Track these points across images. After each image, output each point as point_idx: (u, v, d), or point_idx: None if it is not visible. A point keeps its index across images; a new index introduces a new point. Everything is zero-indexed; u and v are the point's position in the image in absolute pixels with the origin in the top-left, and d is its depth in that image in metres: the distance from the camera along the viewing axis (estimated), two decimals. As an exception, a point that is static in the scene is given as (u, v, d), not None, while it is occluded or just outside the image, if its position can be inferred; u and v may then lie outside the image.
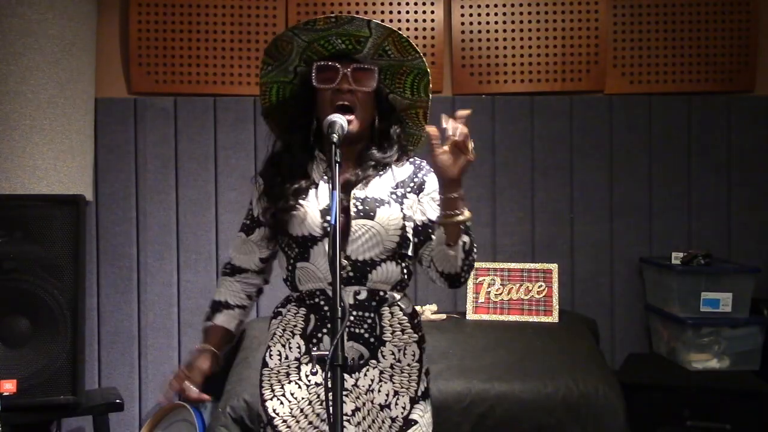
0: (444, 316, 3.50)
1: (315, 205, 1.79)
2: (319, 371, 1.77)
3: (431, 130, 1.64)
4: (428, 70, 1.87)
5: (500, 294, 3.51)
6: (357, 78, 1.79)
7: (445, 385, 2.75)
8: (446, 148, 1.62)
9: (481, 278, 3.54)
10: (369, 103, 1.83)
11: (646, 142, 3.69)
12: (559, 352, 3.09)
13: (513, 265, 3.56)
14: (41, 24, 3.08)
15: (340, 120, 1.71)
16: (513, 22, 3.68)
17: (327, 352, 1.45)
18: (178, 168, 3.61)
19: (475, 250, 1.78)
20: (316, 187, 1.81)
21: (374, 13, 3.65)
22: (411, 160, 1.92)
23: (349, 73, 1.79)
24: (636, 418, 2.99)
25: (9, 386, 2.74)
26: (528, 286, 3.51)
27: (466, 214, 1.69)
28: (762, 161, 3.68)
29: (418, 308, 3.51)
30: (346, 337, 1.74)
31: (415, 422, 1.79)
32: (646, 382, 3.23)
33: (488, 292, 3.52)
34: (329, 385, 1.46)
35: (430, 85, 1.89)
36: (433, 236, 1.81)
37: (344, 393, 1.69)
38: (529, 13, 3.67)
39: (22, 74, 3.05)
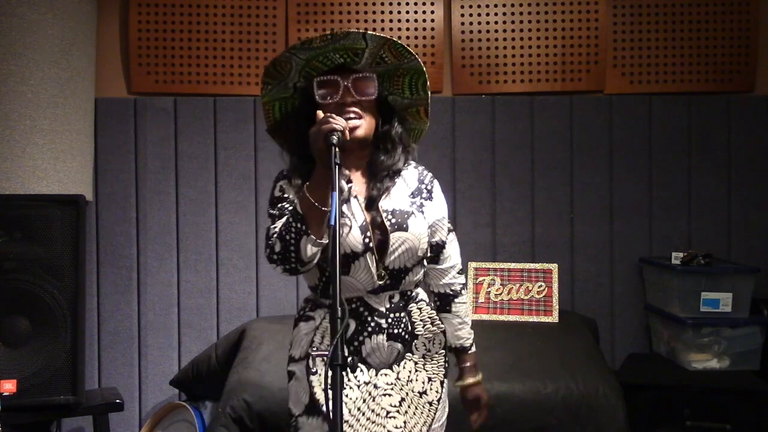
0: (444, 316, 3.49)
1: (353, 222, 1.83)
2: (365, 370, 1.86)
3: None
4: (424, 69, 1.90)
5: (500, 294, 3.51)
6: (358, 88, 1.84)
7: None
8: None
9: (481, 278, 3.54)
10: (372, 109, 1.88)
11: (646, 142, 3.69)
12: (559, 352, 3.09)
13: (513, 265, 3.56)
14: (41, 24, 3.08)
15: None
16: (513, 22, 3.68)
17: (326, 352, 1.48)
18: (178, 168, 3.61)
19: (468, 309, 2.14)
20: (348, 203, 1.86)
21: (374, 13, 3.65)
22: (413, 165, 2.00)
23: (350, 85, 1.83)
24: (636, 418, 2.99)
25: (9, 386, 2.74)
26: (528, 286, 3.51)
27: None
28: (762, 161, 3.68)
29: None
30: (384, 338, 1.87)
31: (442, 399, 1.98)
32: (646, 382, 3.23)
33: (488, 292, 3.52)
34: (329, 385, 1.48)
35: (428, 83, 1.92)
36: (439, 261, 2.02)
37: (390, 387, 1.86)
38: (529, 13, 3.68)
39: (22, 74, 3.05)
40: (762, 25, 3.70)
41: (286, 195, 1.89)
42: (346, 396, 1.84)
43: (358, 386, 1.86)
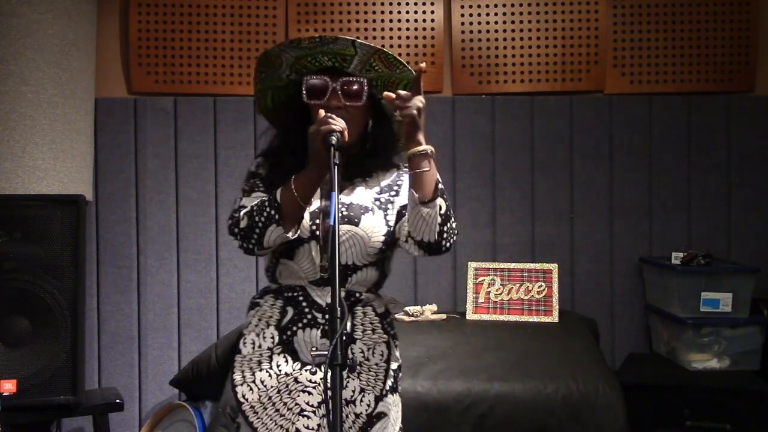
0: (444, 316, 3.50)
1: (306, 209, 1.79)
2: (290, 361, 1.81)
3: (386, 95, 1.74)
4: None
5: (500, 294, 3.51)
6: (347, 92, 1.80)
7: (445, 385, 2.75)
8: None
9: (481, 278, 3.54)
10: (361, 114, 1.84)
11: (646, 142, 3.69)
12: (559, 352, 3.08)
13: (513, 265, 3.56)
14: (41, 24, 3.08)
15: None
16: (513, 22, 3.68)
17: (326, 353, 1.47)
18: (178, 168, 3.61)
19: (452, 218, 1.79)
20: None
21: (374, 13, 3.65)
22: (395, 169, 1.95)
23: (338, 88, 1.80)
24: (636, 418, 2.98)
25: (9, 386, 2.74)
26: (528, 286, 3.51)
27: (433, 169, 1.73)
28: (762, 161, 3.68)
29: (417, 308, 3.53)
30: (318, 334, 1.80)
31: (385, 415, 1.84)
32: (646, 382, 3.23)
33: (488, 292, 3.52)
34: (329, 385, 1.47)
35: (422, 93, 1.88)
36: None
37: (312, 386, 1.78)
38: (529, 13, 3.68)
39: (22, 74, 3.05)
40: (762, 25, 3.70)
41: (260, 171, 1.88)
42: (261, 382, 1.82)
43: (278, 375, 1.81)
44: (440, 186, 1.75)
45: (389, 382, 1.87)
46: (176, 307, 3.60)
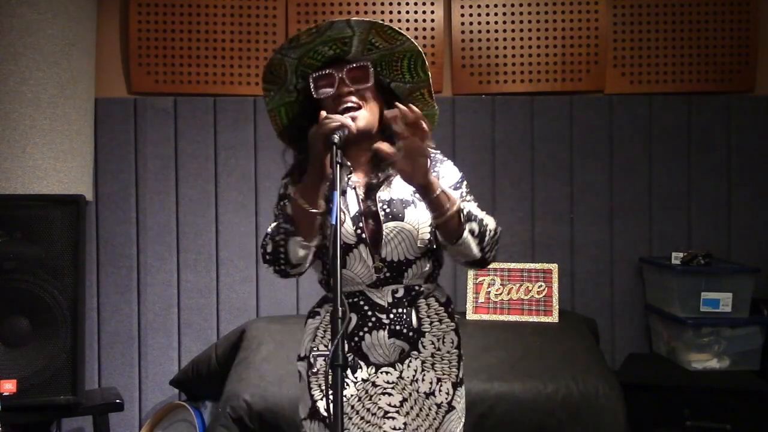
0: (444, 316, 3.49)
1: (346, 213, 1.80)
2: (364, 367, 1.81)
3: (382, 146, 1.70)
4: (420, 49, 1.87)
5: (500, 294, 3.51)
6: (353, 78, 1.82)
7: (445, 385, 2.74)
8: (401, 150, 1.67)
9: (481, 278, 3.54)
10: (373, 99, 1.85)
11: (646, 142, 3.69)
12: (559, 352, 3.09)
13: (513, 265, 3.56)
14: (41, 24, 3.08)
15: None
16: (513, 22, 3.68)
17: (327, 352, 1.47)
18: (178, 168, 3.61)
19: (490, 228, 1.82)
20: (344, 195, 1.83)
21: (374, 13, 3.65)
22: None
23: (345, 75, 1.81)
24: (636, 418, 2.99)
25: (9, 386, 2.74)
26: (528, 286, 3.51)
27: (455, 207, 1.73)
28: (762, 161, 3.68)
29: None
30: (386, 335, 1.80)
31: (453, 408, 1.86)
32: (646, 382, 3.23)
33: (488, 292, 3.52)
34: (330, 385, 1.47)
35: (427, 64, 1.89)
36: None
37: (391, 386, 1.79)
38: (529, 13, 3.68)
39: (22, 74, 3.05)
40: (762, 25, 3.70)
41: (288, 192, 1.87)
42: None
43: (355, 383, 1.81)
44: (463, 212, 1.75)
45: (461, 371, 1.89)
46: (176, 307, 3.60)
